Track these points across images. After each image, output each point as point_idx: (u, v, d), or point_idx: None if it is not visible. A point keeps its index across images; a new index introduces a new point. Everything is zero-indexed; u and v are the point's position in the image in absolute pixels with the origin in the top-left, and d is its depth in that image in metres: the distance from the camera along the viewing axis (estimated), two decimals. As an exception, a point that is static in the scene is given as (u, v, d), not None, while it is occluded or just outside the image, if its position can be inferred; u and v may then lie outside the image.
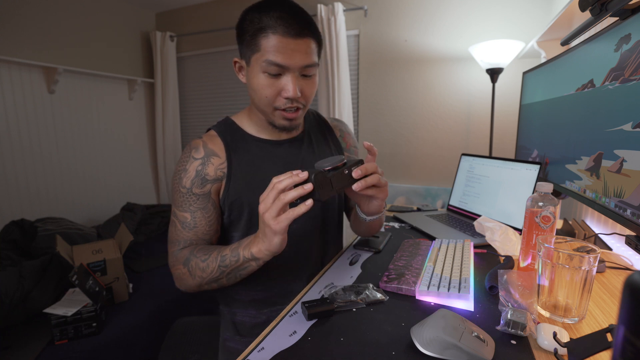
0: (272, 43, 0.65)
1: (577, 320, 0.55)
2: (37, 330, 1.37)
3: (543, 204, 0.68)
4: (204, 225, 0.75)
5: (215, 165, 0.75)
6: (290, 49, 0.66)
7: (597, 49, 0.83)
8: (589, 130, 0.85)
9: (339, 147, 0.90)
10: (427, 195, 2.35)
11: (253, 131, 0.80)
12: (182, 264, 0.71)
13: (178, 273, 0.72)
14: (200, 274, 0.69)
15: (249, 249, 0.64)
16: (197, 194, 0.74)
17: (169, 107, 3.03)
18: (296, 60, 0.67)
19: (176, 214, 0.75)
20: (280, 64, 0.66)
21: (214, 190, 0.76)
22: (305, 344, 0.52)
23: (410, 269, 0.73)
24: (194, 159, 0.75)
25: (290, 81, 0.68)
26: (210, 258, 0.68)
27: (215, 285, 0.71)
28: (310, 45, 0.69)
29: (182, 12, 3.05)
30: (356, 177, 0.62)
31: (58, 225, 2.00)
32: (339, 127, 0.93)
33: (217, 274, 0.68)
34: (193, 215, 0.74)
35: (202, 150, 0.76)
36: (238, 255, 0.65)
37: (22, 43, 2.21)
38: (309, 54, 0.68)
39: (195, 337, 1.12)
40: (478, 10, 2.09)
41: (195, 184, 0.74)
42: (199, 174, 0.74)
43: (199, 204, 0.74)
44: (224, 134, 0.78)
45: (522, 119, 1.44)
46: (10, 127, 2.18)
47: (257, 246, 0.63)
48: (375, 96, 2.45)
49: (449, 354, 0.46)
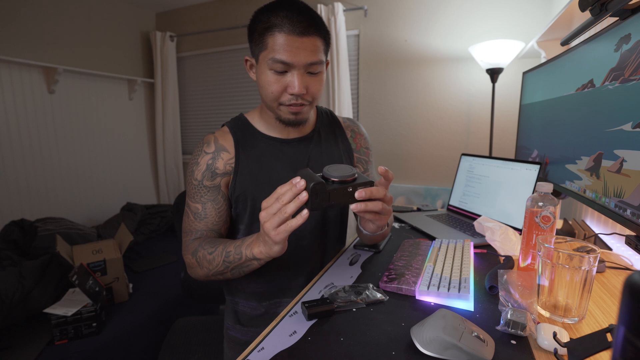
0: (278, 41, 0.67)
1: (577, 320, 0.55)
2: (37, 330, 1.37)
3: (543, 204, 0.68)
4: (214, 216, 0.78)
5: (225, 160, 0.79)
6: (295, 47, 0.68)
7: (597, 49, 0.83)
8: (589, 130, 0.85)
9: (348, 148, 0.90)
10: (427, 195, 2.35)
11: (263, 128, 0.83)
12: (191, 253, 0.75)
13: (188, 262, 0.76)
14: (207, 266, 0.72)
15: (250, 249, 0.66)
16: (208, 186, 0.78)
17: (169, 107, 3.03)
18: (301, 57, 0.68)
19: (189, 205, 0.79)
20: (285, 61, 0.68)
21: (223, 183, 0.79)
22: (305, 344, 0.52)
23: (410, 269, 0.73)
24: (205, 153, 0.79)
25: (296, 78, 0.70)
26: (217, 251, 0.71)
27: (221, 277, 0.74)
28: (316, 43, 0.70)
29: (182, 12, 3.05)
30: (358, 198, 0.59)
31: (58, 225, 2.01)
32: (351, 128, 0.94)
33: (221, 268, 0.70)
34: (204, 207, 0.78)
35: (213, 145, 0.79)
36: (241, 253, 0.67)
37: (22, 43, 2.21)
38: (314, 51, 0.70)
39: (195, 337, 1.12)
40: (478, 10, 2.09)
41: (206, 176, 0.77)
42: (209, 167, 0.78)
43: (209, 196, 0.78)
44: (235, 131, 0.81)
45: (522, 119, 1.44)
46: (10, 127, 2.18)
47: (258, 248, 0.64)
48: (375, 96, 2.45)
49: (449, 354, 0.46)
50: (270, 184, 0.77)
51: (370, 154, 0.96)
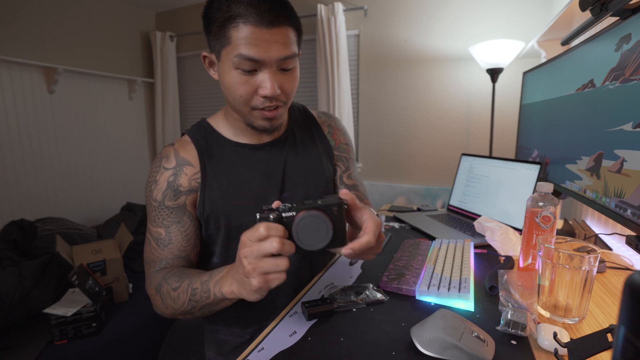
0: (244, 34, 0.56)
1: (578, 320, 0.55)
2: (37, 330, 1.37)
3: (543, 204, 0.68)
4: (180, 240, 0.67)
5: (189, 176, 0.68)
6: (264, 40, 0.57)
7: (597, 48, 0.83)
8: (589, 130, 0.85)
9: (327, 147, 0.82)
10: (427, 195, 2.35)
11: (230, 134, 0.73)
12: (154, 288, 0.64)
13: (152, 298, 0.65)
14: (171, 304, 0.61)
15: (219, 287, 0.54)
16: (170, 207, 0.67)
17: (168, 107, 3.04)
18: (272, 52, 0.58)
19: (150, 230, 0.69)
20: (254, 58, 0.58)
21: (189, 202, 0.69)
22: (305, 344, 0.52)
23: (410, 269, 0.73)
24: (164, 169, 0.68)
25: (268, 78, 0.60)
26: (181, 288, 0.59)
27: (190, 317, 0.63)
28: (288, 35, 0.60)
29: (182, 12, 3.05)
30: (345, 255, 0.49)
31: (58, 225, 2.01)
32: (328, 123, 0.84)
33: (188, 307, 0.59)
34: (167, 231, 0.67)
35: (174, 159, 0.69)
36: (209, 291, 0.56)
37: (22, 43, 2.21)
38: (287, 44, 0.59)
39: (196, 337, 1.12)
40: (478, 10, 2.09)
41: (168, 196, 0.67)
42: (170, 185, 0.67)
43: (173, 218, 0.67)
44: (197, 140, 0.71)
45: (522, 119, 1.44)
46: (10, 127, 2.18)
47: (229, 287, 0.52)
48: (375, 96, 2.45)
49: (449, 354, 0.46)
50: (244, 198, 0.70)
51: (350, 150, 0.87)
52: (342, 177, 0.84)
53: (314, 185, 0.77)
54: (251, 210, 0.70)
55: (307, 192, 0.76)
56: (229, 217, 0.69)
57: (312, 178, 0.77)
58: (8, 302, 1.37)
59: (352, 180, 0.85)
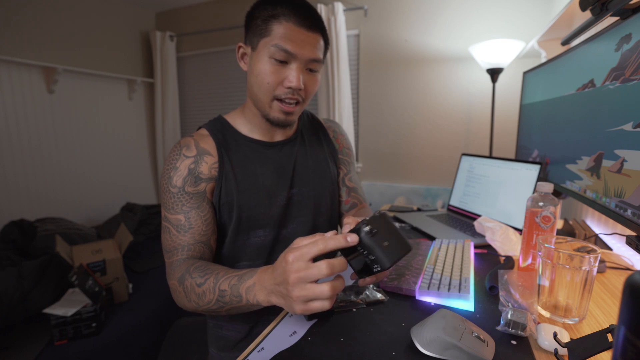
0: (284, 30, 0.65)
1: (578, 320, 0.55)
2: (37, 330, 1.37)
3: (543, 204, 0.68)
4: (200, 225, 0.69)
5: (209, 164, 0.71)
6: (300, 39, 0.66)
7: (597, 48, 0.83)
8: (590, 130, 0.85)
9: (332, 150, 0.89)
10: (427, 195, 2.35)
11: (245, 130, 0.77)
12: (177, 280, 0.64)
13: (174, 288, 0.65)
14: (195, 300, 0.61)
15: (254, 295, 0.53)
16: (190, 192, 0.69)
17: (168, 107, 3.03)
18: (305, 51, 0.66)
19: (168, 219, 0.69)
20: (289, 50, 0.65)
21: (208, 189, 0.71)
22: (305, 344, 0.52)
23: (410, 269, 0.73)
24: (185, 156, 0.70)
25: (296, 71, 0.67)
26: (207, 285, 0.59)
27: (214, 314, 0.63)
28: (319, 41, 0.69)
29: (182, 12, 3.05)
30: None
31: (57, 226, 2.01)
32: (333, 128, 0.92)
33: (214, 306, 0.59)
34: (187, 216, 0.68)
35: (194, 148, 0.71)
36: (240, 296, 0.55)
37: (22, 43, 2.21)
38: (317, 48, 0.68)
39: (196, 337, 1.12)
40: (478, 10, 2.09)
41: (188, 182, 0.69)
42: (192, 171, 0.69)
43: (192, 204, 0.69)
44: (215, 133, 0.75)
45: (523, 119, 1.44)
46: (9, 127, 2.17)
47: (266, 297, 0.51)
48: (375, 96, 2.45)
49: (449, 354, 0.46)
50: (256, 191, 0.74)
51: (351, 154, 0.95)
52: (344, 180, 0.91)
53: (320, 185, 0.83)
54: (261, 203, 0.74)
55: (314, 190, 0.81)
56: (241, 208, 0.73)
57: (319, 178, 0.83)
58: (7, 303, 1.37)
59: (352, 183, 0.92)
